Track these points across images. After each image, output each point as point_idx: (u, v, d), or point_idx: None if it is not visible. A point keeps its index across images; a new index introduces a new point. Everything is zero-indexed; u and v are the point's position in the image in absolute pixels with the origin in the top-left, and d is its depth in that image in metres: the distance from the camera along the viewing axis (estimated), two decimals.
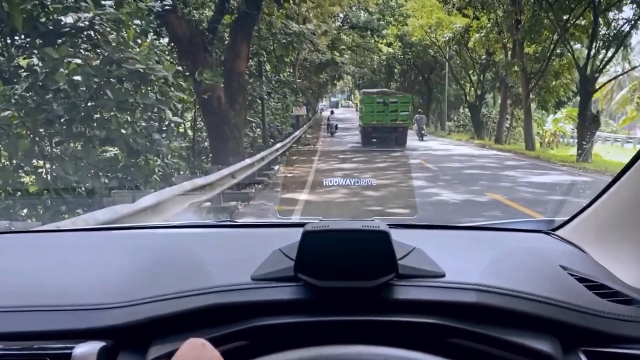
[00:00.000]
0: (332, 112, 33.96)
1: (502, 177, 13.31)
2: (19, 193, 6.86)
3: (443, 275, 1.17)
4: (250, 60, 16.92)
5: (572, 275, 1.26)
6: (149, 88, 7.65)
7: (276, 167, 15.58)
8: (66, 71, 6.35)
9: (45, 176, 7.25)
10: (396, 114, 23.53)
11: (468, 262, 1.32)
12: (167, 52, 12.99)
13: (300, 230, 1.12)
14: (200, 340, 0.77)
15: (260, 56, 18.26)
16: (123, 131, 7.23)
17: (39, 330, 1.06)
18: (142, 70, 6.87)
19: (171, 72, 7.38)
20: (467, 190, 10.82)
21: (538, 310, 1.09)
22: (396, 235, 1.13)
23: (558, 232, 1.65)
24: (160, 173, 8.90)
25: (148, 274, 1.25)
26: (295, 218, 2.10)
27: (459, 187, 11.37)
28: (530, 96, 24.72)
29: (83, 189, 6.74)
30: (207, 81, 10.48)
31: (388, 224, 1.13)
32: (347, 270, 1.09)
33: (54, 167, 7.12)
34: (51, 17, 6.97)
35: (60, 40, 6.88)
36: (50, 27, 6.97)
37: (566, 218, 1.67)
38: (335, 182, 1.60)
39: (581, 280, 1.23)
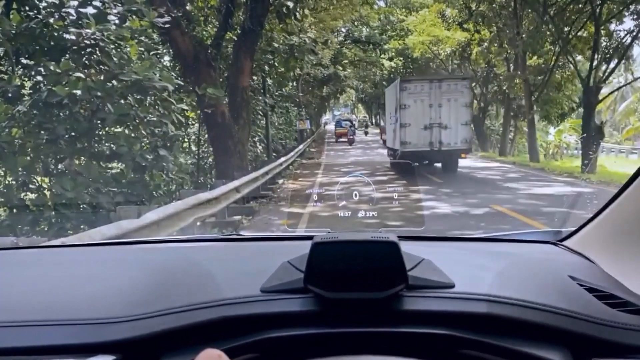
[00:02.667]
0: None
1: (507, 189, 13.29)
2: (23, 210, 6.87)
3: (452, 286, 1.17)
4: (254, 76, 17.00)
5: (581, 285, 1.25)
6: (150, 100, 7.68)
7: (280, 181, 15.59)
8: (66, 86, 6.39)
9: (46, 193, 7.28)
10: None
11: (477, 273, 1.31)
12: (169, 68, 13.11)
13: (307, 243, 1.12)
14: (217, 351, 0.77)
15: (263, 71, 18.37)
16: (130, 147, 7.25)
17: (47, 345, 1.06)
18: (140, 81, 6.90)
19: (170, 83, 7.41)
20: (470, 202, 10.80)
21: (548, 321, 1.09)
22: (404, 246, 1.13)
23: (566, 243, 1.65)
24: (165, 188, 8.92)
25: (156, 288, 1.25)
26: (301, 231, 2.10)
27: (462, 199, 11.35)
28: (534, 108, 24.75)
29: (86, 204, 6.75)
30: (211, 96, 10.52)
31: (397, 236, 1.13)
32: (356, 282, 1.09)
33: (52, 183, 7.14)
34: (54, 35, 7.04)
35: (63, 57, 6.95)
36: (52, 44, 7.03)
37: (573, 229, 1.67)
38: (338, 195, 1.61)
39: (590, 290, 1.23)
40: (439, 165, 17.57)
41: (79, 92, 6.54)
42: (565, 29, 21.19)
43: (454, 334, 1.07)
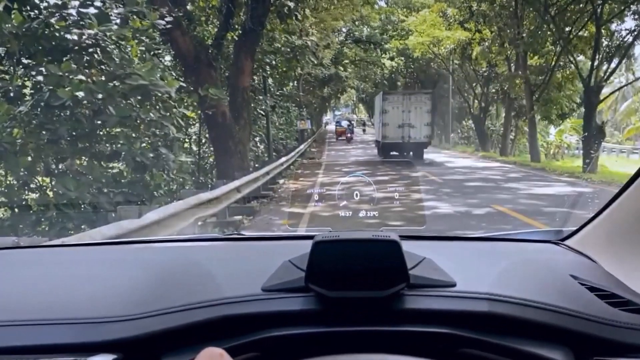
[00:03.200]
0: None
1: (507, 189, 13.28)
2: (24, 210, 6.88)
3: (454, 285, 1.17)
4: (254, 76, 17.01)
5: (582, 284, 1.25)
6: (153, 104, 7.69)
7: (281, 181, 15.60)
8: (68, 88, 6.40)
9: (49, 193, 7.28)
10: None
11: (478, 272, 1.32)
12: (170, 68, 13.11)
13: (308, 242, 1.13)
14: (218, 350, 0.77)
15: (264, 71, 18.38)
16: (130, 147, 7.26)
17: (49, 344, 1.06)
18: (145, 86, 6.91)
19: (174, 88, 7.42)
20: (471, 202, 10.80)
21: (550, 320, 1.09)
22: (406, 245, 1.13)
23: (567, 242, 1.65)
24: (166, 188, 8.92)
25: (156, 287, 1.25)
26: (302, 231, 2.10)
27: (463, 199, 11.35)
28: (534, 108, 24.75)
29: (87, 204, 6.75)
30: (212, 96, 10.53)
31: (399, 235, 1.13)
32: (358, 281, 1.09)
33: (53, 183, 7.14)
34: (56, 35, 7.04)
35: (64, 58, 6.95)
36: (54, 44, 7.04)
37: (574, 228, 1.67)
38: (339, 195, 1.61)
39: (592, 289, 1.23)
40: (436, 166, 18.46)
41: (81, 93, 6.54)
42: (567, 29, 21.18)
43: (455, 333, 1.07)
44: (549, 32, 22.19)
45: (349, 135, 38.43)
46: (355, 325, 1.08)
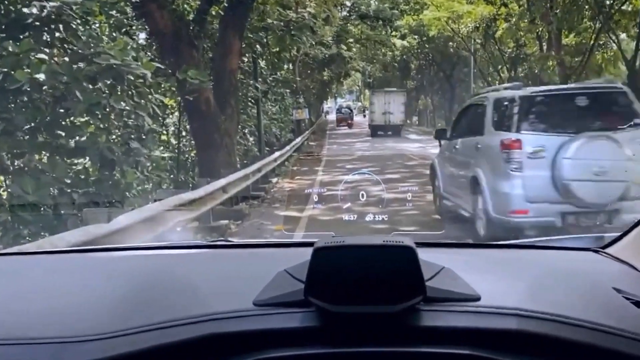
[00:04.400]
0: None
1: None
2: None
3: (478, 299, 1.17)
4: (243, 57, 16.98)
5: (627, 298, 1.25)
6: (125, 89, 7.67)
7: (274, 180, 15.58)
8: (27, 70, 6.36)
9: (2, 193, 7.26)
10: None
11: (506, 284, 1.32)
12: (145, 48, 13.07)
13: (307, 250, 1.13)
14: None
15: (254, 51, 18.34)
16: (96, 139, 7.24)
17: None
18: (115, 68, 6.88)
19: (150, 70, 7.40)
20: None
21: (590, 339, 1.08)
22: (422, 254, 1.13)
23: (609, 250, 1.65)
24: (140, 188, 8.91)
25: (132, 301, 1.25)
26: (299, 237, 2.10)
27: None
28: None
29: (47, 207, 6.73)
30: (193, 81, 10.50)
31: (413, 242, 1.13)
32: (365, 293, 1.09)
33: (8, 182, 7.11)
34: (13, 8, 7.02)
35: (22, 35, 6.93)
36: (11, 19, 7.01)
37: (617, 234, 1.67)
38: (342, 196, 1.61)
39: (638, 304, 1.23)
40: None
41: (41, 76, 6.51)
42: (607, 2, 21.14)
43: (479, 354, 1.07)
44: (586, 6, 22.15)
45: (350, 121, 50.28)
46: (362, 345, 1.08)
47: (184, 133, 15.98)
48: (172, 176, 14.00)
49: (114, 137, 7.97)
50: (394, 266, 1.10)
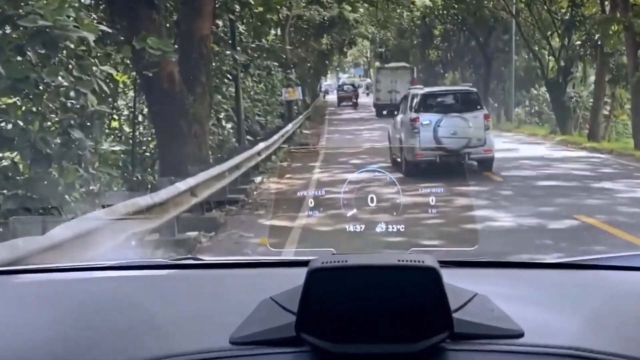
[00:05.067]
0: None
1: (600, 192, 13.30)
2: None
3: (521, 335, 1.17)
4: (218, 20, 17.00)
5: None
6: (62, 59, 7.65)
7: (258, 180, 15.61)
8: None
9: None
10: None
11: (556, 315, 1.33)
12: (90, 8, 13.05)
13: (299, 271, 1.13)
14: None
15: (231, 13, 18.34)
16: (27, 126, 7.23)
17: None
18: (49, 31, 6.86)
19: (94, 34, 7.37)
20: (546, 212, 10.81)
21: None
22: (448, 276, 1.13)
23: None
24: (84, 190, 8.90)
25: (71, 335, 1.25)
26: (289, 253, 2.11)
27: (533, 206, 11.37)
28: None
29: None
30: (153, 51, 10.51)
31: (437, 261, 1.13)
32: (375, 328, 1.09)
33: None
34: None
35: None
36: None
37: None
38: (346, 200, 1.61)
39: None
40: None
41: None
42: None
43: None
44: None
45: (354, 100, 56.69)
46: None
47: (140, 118, 16.00)
48: (125, 175, 14.00)
49: (49, 123, 7.97)
50: (412, 293, 1.09)
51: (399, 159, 15.89)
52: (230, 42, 18.98)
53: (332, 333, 1.09)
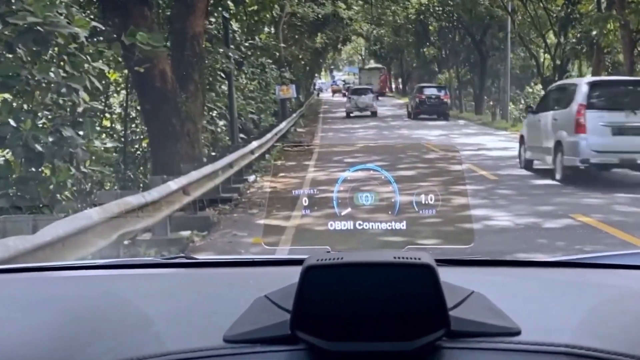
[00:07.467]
0: None
1: (597, 191, 13.33)
2: None
3: (518, 333, 1.17)
4: (211, 16, 17.00)
5: None
6: (53, 56, 7.64)
7: (251, 178, 15.62)
8: None
9: None
10: None
11: (554, 313, 1.34)
12: (81, 3, 13.03)
13: (294, 269, 1.14)
14: None
15: (224, 9, 18.35)
16: (19, 124, 7.22)
17: None
18: (38, 25, 6.85)
19: (85, 29, 7.37)
20: (542, 210, 10.84)
21: None
22: (445, 274, 1.13)
23: None
24: (75, 188, 8.90)
25: (63, 334, 1.25)
26: (284, 252, 2.11)
27: (531, 205, 11.40)
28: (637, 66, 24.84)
29: None
30: (144, 47, 10.49)
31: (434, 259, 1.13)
32: (371, 326, 1.09)
33: None
34: None
35: None
36: None
37: None
38: (340, 199, 1.62)
39: None
40: (486, 154, 19.39)
41: None
42: None
43: None
44: None
45: (344, 92, 61.88)
46: None
47: (133, 115, 15.98)
48: (117, 173, 14.00)
49: (41, 121, 7.96)
50: (409, 290, 1.09)
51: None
52: (223, 39, 19.01)
53: (327, 331, 1.09)
